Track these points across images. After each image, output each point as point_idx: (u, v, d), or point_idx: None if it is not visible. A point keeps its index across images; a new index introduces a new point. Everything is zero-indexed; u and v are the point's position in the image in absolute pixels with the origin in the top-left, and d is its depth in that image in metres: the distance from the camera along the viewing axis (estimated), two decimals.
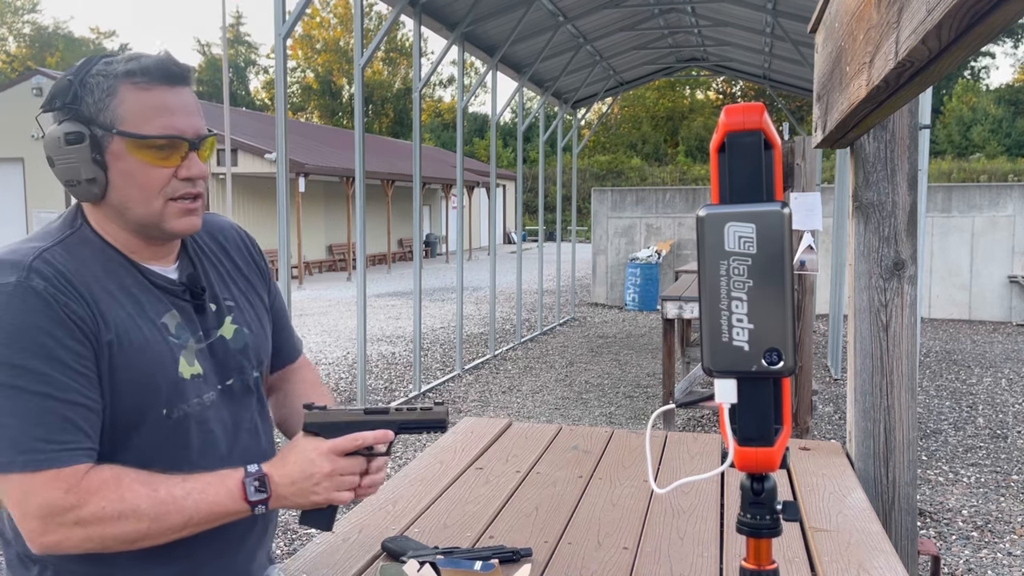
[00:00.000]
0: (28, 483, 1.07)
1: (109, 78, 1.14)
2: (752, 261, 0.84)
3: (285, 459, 1.18)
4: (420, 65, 7.22)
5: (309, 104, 48.75)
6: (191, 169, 1.18)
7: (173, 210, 1.19)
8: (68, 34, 47.40)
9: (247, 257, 1.41)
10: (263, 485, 1.16)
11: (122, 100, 1.14)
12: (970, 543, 3.98)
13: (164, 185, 1.17)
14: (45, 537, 1.08)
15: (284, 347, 1.48)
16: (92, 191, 1.15)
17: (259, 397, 1.35)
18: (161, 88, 1.16)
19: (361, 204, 6.12)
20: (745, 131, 0.86)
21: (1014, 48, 42.01)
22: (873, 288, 2.03)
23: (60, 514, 1.07)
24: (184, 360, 1.21)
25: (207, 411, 1.23)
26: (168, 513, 1.11)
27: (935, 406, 6.72)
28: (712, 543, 1.58)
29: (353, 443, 1.18)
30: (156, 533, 1.12)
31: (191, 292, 1.25)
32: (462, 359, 8.26)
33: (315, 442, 1.18)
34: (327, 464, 1.17)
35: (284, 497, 1.17)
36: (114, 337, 1.14)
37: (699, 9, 9.59)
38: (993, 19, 0.83)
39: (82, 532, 1.08)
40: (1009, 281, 11.54)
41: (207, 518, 1.14)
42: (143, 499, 1.10)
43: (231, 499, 1.14)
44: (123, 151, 1.14)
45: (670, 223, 13.50)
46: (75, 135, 1.13)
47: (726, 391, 0.87)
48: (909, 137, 1.98)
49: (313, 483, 1.16)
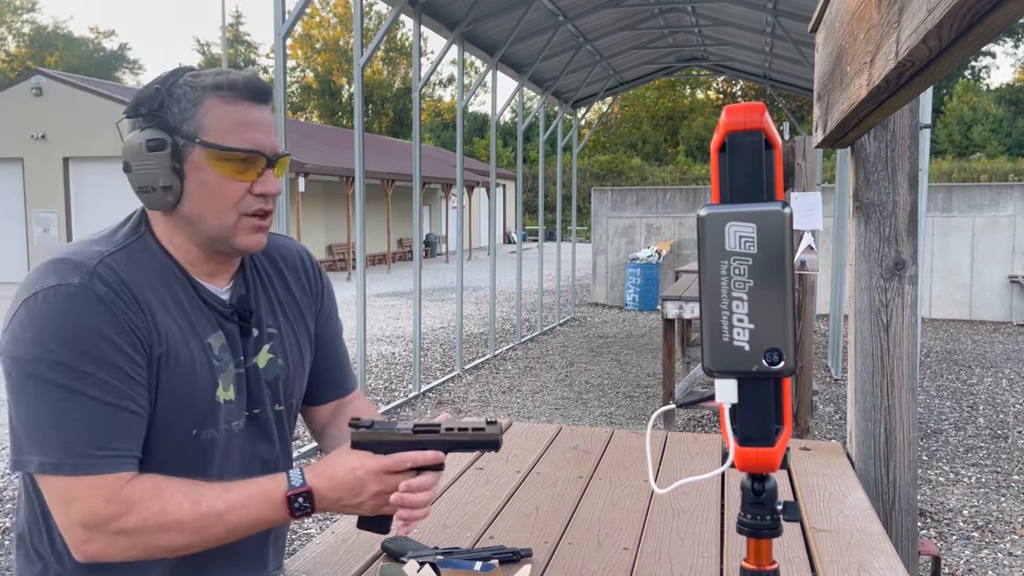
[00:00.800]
0: (72, 488, 1.07)
1: (197, 89, 1.16)
2: (753, 261, 0.84)
3: (332, 472, 1.18)
4: (420, 65, 7.22)
5: (309, 104, 48.76)
6: (266, 185, 1.20)
7: (245, 225, 1.20)
8: (67, 34, 47.41)
9: (304, 282, 1.39)
10: (307, 500, 1.16)
11: (208, 111, 1.15)
12: (971, 543, 3.98)
13: (239, 199, 1.18)
14: (88, 545, 1.09)
15: (336, 378, 1.45)
16: (166, 199, 1.16)
17: (283, 431, 1.34)
18: (247, 104, 1.18)
19: (361, 204, 6.12)
20: (746, 131, 0.85)
21: (1015, 48, 42.02)
22: (874, 288, 2.03)
23: (103, 523, 1.08)
24: (222, 384, 1.21)
25: (233, 438, 1.24)
26: (210, 526, 1.12)
27: (936, 406, 6.71)
28: (712, 543, 1.58)
29: (403, 463, 1.17)
30: (198, 544, 1.13)
31: (239, 314, 1.25)
32: (462, 359, 8.26)
33: (363, 458, 1.17)
34: (376, 484, 1.17)
35: (327, 508, 1.18)
36: (165, 351, 1.15)
37: (699, 8, 9.59)
38: (993, 19, 0.83)
39: (125, 541, 1.09)
40: (1010, 281, 11.53)
41: (249, 528, 1.15)
42: (185, 512, 1.11)
43: (275, 512, 1.16)
44: (203, 161, 1.15)
45: (670, 223, 13.49)
46: (157, 142, 1.14)
47: (726, 391, 0.87)
48: (910, 137, 1.98)
49: (359, 501, 1.17)
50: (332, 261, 22.38)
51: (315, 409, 1.45)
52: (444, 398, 7.08)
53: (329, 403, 1.45)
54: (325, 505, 1.17)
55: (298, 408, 1.40)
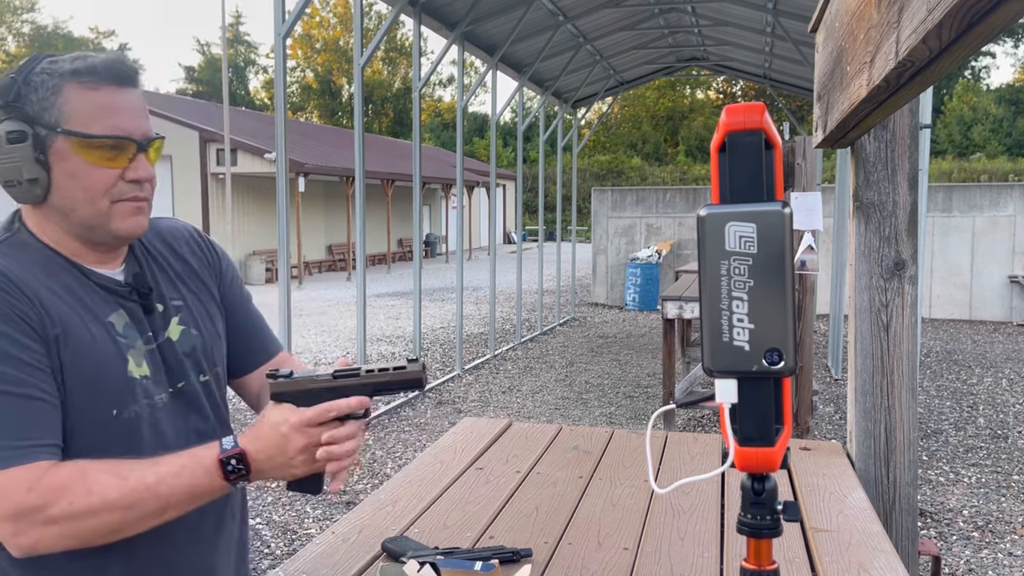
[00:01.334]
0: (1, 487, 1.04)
1: (55, 76, 1.12)
2: (753, 261, 0.84)
3: (259, 432, 1.13)
4: (420, 65, 7.22)
5: (309, 104, 48.76)
6: (138, 171, 1.15)
7: (120, 210, 1.15)
8: (67, 34, 47.42)
9: (200, 255, 1.36)
10: (240, 462, 1.11)
11: (68, 99, 1.11)
12: (971, 543, 3.98)
13: (110, 187, 1.14)
14: (19, 539, 1.05)
15: (256, 342, 1.41)
16: (34, 192, 1.12)
17: (214, 401, 1.31)
18: (109, 88, 1.13)
19: (361, 204, 6.12)
20: (746, 131, 0.85)
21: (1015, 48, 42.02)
22: (874, 288, 2.03)
23: (28, 515, 1.04)
24: (132, 360, 1.18)
25: (158, 413, 1.20)
26: (142, 500, 1.08)
27: (936, 406, 6.71)
28: (712, 543, 1.58)
29: (327, 414, 1.12)
30: (133, 521, 1.08)
31: (138, 292, 1.22)
32: (462, 359, 8.26)
33: (286, 412, 1.12)
34: (301, 438, 1.11)
35: (263, 472, 1.13)
36: (61, 331, 1.11)
37: (699, 8, 9.59)
38: (993, 19, 0.83)
39: (55, 530, 1.05)
40: (1010, 281, 11.54)
41: (185, 499, 1.11)
42: (112, 489, 1.07)
43: (208, 478, 1.10)
44: (68, 151, 1.12)
45: (670, 223, 13.50)
46: (17, 134, 1.10)
47: (726, 391, 0.87)
48: (910, 137, 1.98)
49: (289, 457, 1.11)
50: (332, 261, 22.38)
51: (245, 380, 1.40)
52: (444, 398, 7.08)
53: (257, 370, 1.40)
54: (259, 467, 1.12)
55: (224, 378, 1.36)
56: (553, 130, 11.81)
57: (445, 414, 6.51)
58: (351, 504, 4.43)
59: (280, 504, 4.53)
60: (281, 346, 1.46)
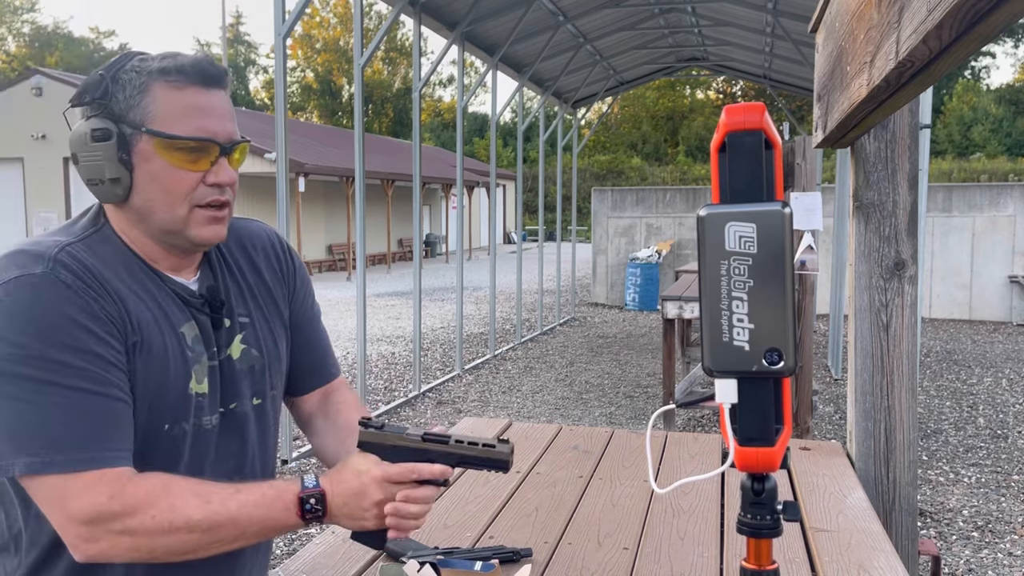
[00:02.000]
0: (68, 485, 1.02)
1: (143, 75, 1.10)
2: (753, 261, 0.84)
3: (341, 476, 1.14)
4: (420, 65, 7.22)
5: (309, 104, 48.75)
6: (220, 175, 1.14)
7: (199, 217, 1.14)
8: (68, 34, 47.41)
9: (275, 266, 1.33)
10: (319, 503, 1.12)
11: (154, 98, 1.10)
12: (970, 543, 3.98)
13: (191, 190, 1.12)
14: (91, 545, 1.03)
15: (318, 365, 1.39)
16: (115, 191, 1.11)
17: (264, 425, 1.28)
18: (196, 89, 1.12)
19: (361, 204, 6.12)
20: (746, 131, 0.85)
21: (1015, 48, 42.02)
22: (874, 288, 2.03)
23: (107, 521, 1.02)
24: (195, 376, 1.16)
25: (204, 435, 1.17)
26: (221, 526, 1.07)
27: (936, 406, 6.71)
28: (712, 543, 1.58)
29: (409, 474, 1.12)
30: (206, 545, 1.08)
31: (210, 305, 1.20)
32: (462, 359, 8.26)
33: (370, 464, 1.13)
34: (379, 492, 1.12)
35: (335, 517, 1.13)
36: (140, 339, 1.09)
37: (699, 9, 9.59)
38: (994, 19, 0.83)
39: (129, 542, 1.04)
40: (1010, 281, 11.53)
41: (259, 531, 1.11)
42: (195, 510, 1.06)
43: (286, 515, 1.11)
44: (151, 151, 1.10)
45: (670, 223, 13.49)
46: (102, 132, 1.09)
47: (726, 391, 0.87)
48: (910, 137, 1.98)
49: (363, 508, 1.12)
50: (332, 261, 22.38)
51: (300, 399, 1.39)
52: (444, 398, 7.08)
53: (314, 392, 1.39)
54: (334, 510, 1.12)
55: (279, 401, 1.34)
56: (553, 130, 11.81)
57: (445, 414, 6.51)
58: None
59: None
60: (339, 370, 1.45)
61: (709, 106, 43.73)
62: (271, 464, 1.34)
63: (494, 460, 1.15)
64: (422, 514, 1.14)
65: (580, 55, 10.46)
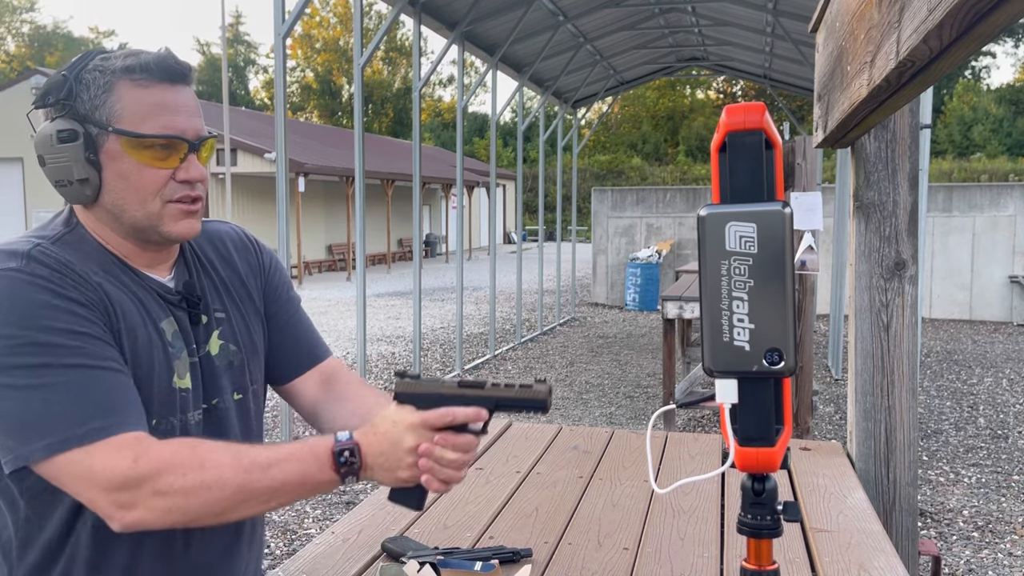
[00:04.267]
0: (92, 457, 1.00)
1: (107, 74, 1.09)
2: (753, 261, 0.84)
3: (376, 427, 1.11)
4: (420, 65, 7.22)
5: (309, 104, 48.75)
6: (190, 171, 1.14)
7: (171, 212, 1.13)
8: (67, 34, 47.41)
9: (247, 259, 1.33)
10: (354, 455, 1.08)
11: (120, 97, 1.09)
12: (971, 543, 3.98)
13: (162, 187, 1.12)
14: (127, 512, 1.01)
15: (305, 347, 1.37)
16: (84, 192, 1.10)
17: (246, 421, 1.28)
18: (161, 86, 1.11)
19: (361, 204, 6.12)
20: (746, 131, 0.85)
21: (1015, 48, 42.02)
22: (874, 288, 2.02)
23: (137, 484, 1.01)
24: (178, 371, 1.16)
25: (190, 430, 1.17)
26: (255, 481, 1.05)
27: (936, 406, 6.71)
28: (713, 543, 1.58)
29: (444, 419, 1.09)
30: (240, 503, 1.05)
31: (187, 301, 1.20)
32: (462, 359, 8.26)
33: (405, 412, 1.11)
34: (414, 438, 1.08)
35: (372, 468, 1.09)
36: (123, 327, 1.09)
37: (699, 8, 9.59)
38: (994, 19, 0.83)
39: (163, 503, 1.02)
40: (1010, 281, 11.53)
41: (294, 487, 1.08)
42: (226, 467, 1.04)
43: (320, 468, 1.08)
44: (119, 151, 1.10)
45: (670, 223, 13.49)
46: (68, 132, 1.09)
47: (727, 391, 0.87)
48: (910, 137, 1.98)
49: (399, 457, 1.09)
50: (332, 261, 22.38)
51: (296, 386, 1.37)
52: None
53: (307, 374, 1.36)
54: (370, 462, 1.09)
55: (261, 396, 1.33)
56: (553, 130, 11.81)
57: None
58: (351, 504, 4.43)
59: None
60: (330, 352, 1.42)
61: (709, 106, 43.73)
62: None
63: (532, 401, 1.12)
64: (461, 463, 1.10)
65: (580, 55, 10.46)
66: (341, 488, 4.69)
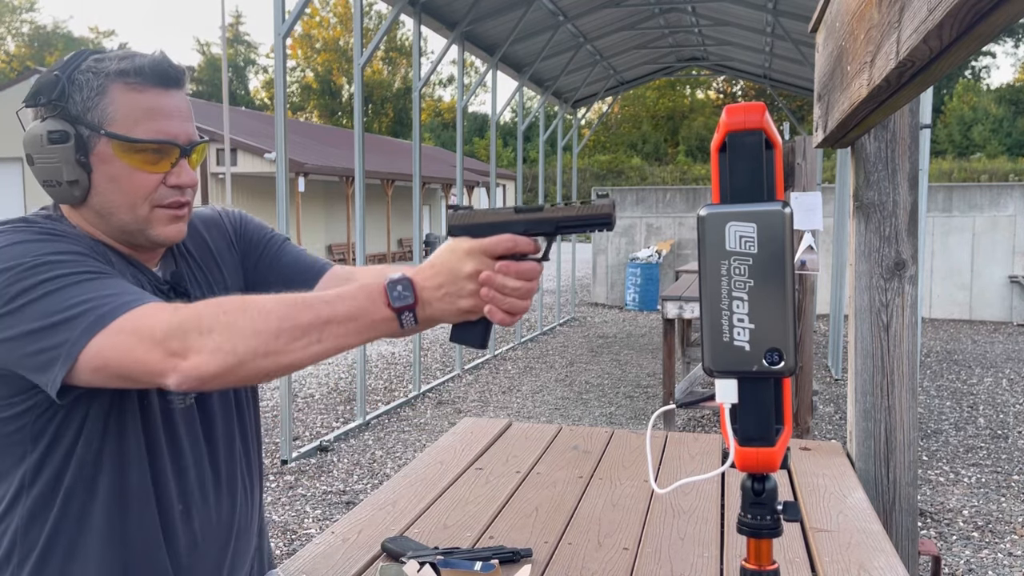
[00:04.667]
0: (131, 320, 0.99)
1: (100, 76, 1.09)
2: (753, 261, 0.84)
3: (430, 262, 1.06)
4: (420, 64, 7.21)
5: (309, 104, 48.76)
6: (181, 177, 1.14)
7: (160, 216, 1.14)
8: (67, 33, 47.42)
9: (223, 236, 1.32)
10: (407, 289, 1.02)
11: (113, 100, 1.09)
12: (971, 543, 3.98)
13: (152, 191, 1.12)
14: (180, 360, 0.98)
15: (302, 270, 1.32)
16: (72, 193, 1.11)
17: (239, 409, 1.29)
18: (155, 90, 1.11)
19: (361, 204, 6.12)
20: (746, 131, 0.85)
21: (1015, 48, 42.03)
22: (874, 288, 2.02)
23: (183, 331, 0.98)
24: None
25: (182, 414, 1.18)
26: (299, 314, 0.99)
27: (936, 406, 6.71)
28: (713, 543, 1.58)
29: (503, 244, 1.03)
30: (289, 338, 0.99)
31: (175, 290, 1.21)
32: (462, 359, 8.26)
33: (460, 241, 1.04)
34: (472, 263, 1.02)
35: (430, 303, 1.03)
36: None
37: (699, 8, 9.59)
38: (994, 19, 0.83)
39: (212, 343, 0.97)
40: (1010, 281, 11.53)
41: (345, 324, 1.01)
42: (268, 301, 1.01)
43: (372, 304, 1.02)
44: (110, 154, 1.10)
45: (670, 223, 13.49)
46: (59, 134, 1.08)
47: (727, 391, 0.87)
48: (910, 137, 1.98)
49: (458, 286, 1.02)
50: (332, 261, 22.40)
51: None
52: (444, 398, 7.08)
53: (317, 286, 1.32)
54: (427, 296, 1.03)
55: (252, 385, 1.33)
56: (553, 130, 11.81)
57: (445, 414, 6.51)
58: (351, 504, 4.43)
59: (280, 504, 4.53)
60: (330, 264, 1.38)
61: (709, 106, 43.73)
62: (254, 448, 1.34)
63: (596, 217, 1.03)
64: (526, 291, 1.03)
65: (580, 55, 10.46)
66: (342, 490, 4.69)
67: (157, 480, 1.16)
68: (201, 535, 1.21)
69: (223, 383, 1.00)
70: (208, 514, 1.22)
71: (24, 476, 1.11)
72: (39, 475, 1.10)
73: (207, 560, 1.23)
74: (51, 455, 1.10)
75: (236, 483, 1.28)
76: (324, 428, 6.05)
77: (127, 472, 1.13)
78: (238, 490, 1.28)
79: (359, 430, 5.99)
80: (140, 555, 1.15)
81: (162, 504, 1.17)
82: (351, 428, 5.95)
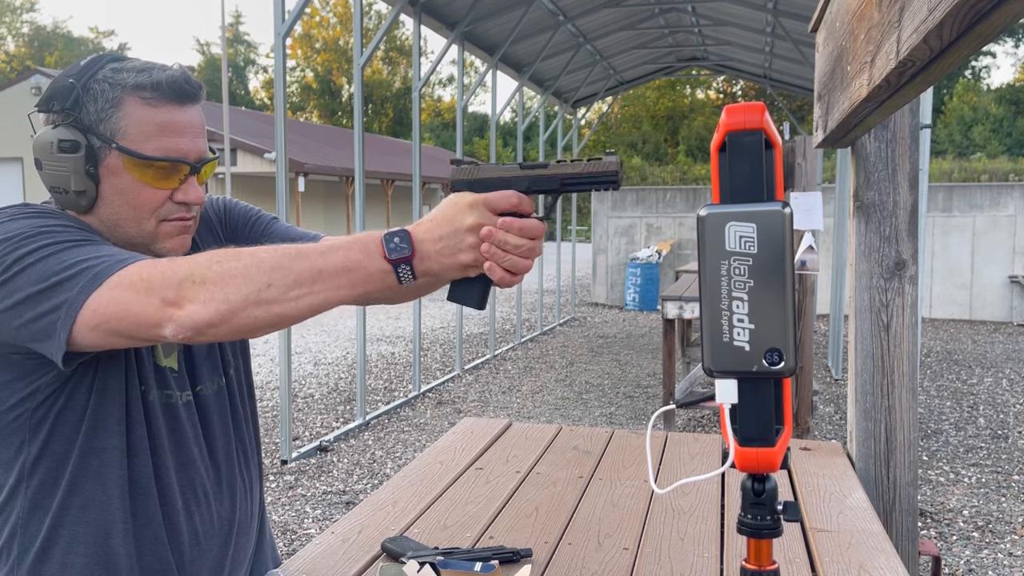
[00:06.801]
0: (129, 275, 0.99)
1: (116, 88, 1.09)
2: (753, 261, 0.84)
3: (431, 216, 1.02)
4: (420, 64, 7.22)
5: (309, 104, 48.75)
6: (188, 194, 1.14)
7: (165, 230, 1.14)
8: (67, 33, 47.42)
9: (213, 229, 1.32)
10: (404, 241, 0.99)
11: (127, 114, 1.09)
12: (971, 543, 3.98)
13: (158, 207, 1.13)
14: (176, 310, 0.97)
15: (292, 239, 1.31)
16: (79, 203, 1.11)
17: (232, 405, 1.29)
18: (170, 106, 1.11)
19: (361, 204, 6.12)
20: (746, 131, 0.85)
21: (1015, 47, 42.03)
22: (874, 288, 2.02)
23: (175, 280, 0.97)
24: (162, 350, 1.17)
25: (181, 411, 1.19)
26: (292, 263, 0.98)
27: (936, 406, 6.71)
28: (713, 544, 1.58)
29: (507, 200, 1.00)
30: (281, 287, 0.97)
31: None
32: (462, 359, 8.26)
33: (463, 195, 1.01)
34: (473, 216, 0.99)
35: (428, 256, 0.99)
36: None
37: (699, 8, 9.59)
38: (994, 18, 0.83)
39: (206, 292, 0.96)
40: (1010, 281, 11.53)
41: (339, 274, 0.98)
42: (261, 251, 1.00)
43: (367, 255, 0.99)
44: (120, 167, 1.10)
45: (670, 223, 13.50)
46: (70, 144, 1.08)
47: (727, 391, 0.87)
48: (910, 136, 1.98)
49: (458, 238, 0.99)
50: None
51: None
52: (444, 398, 7.08)
53: None
54: (425, 249, 0.99)
55: (246, 382, 1.34)
56: (553, 130, 11.81)
57: (445, 414, 6.51)
58: (351, 504, 4.43)
59: (280, 504, 4.53)
60: (321, 235, 1.36)
61: (709, 106, 43.73)
62: (252, 445, 1.34)
63: (602, 175, 1.01)
64: (528, 250, 1.00)
65: (580, 55, 10.46)
66: (342, 490, 4.69)
67: (159, 474, 1.16)
68: (202, 532, 1.21)
69: (218, 332, 0.99)
70: (208, 511, 1.23)
71: (23, 466, 1.11)
72: (38, 466, 1.11)
73: (208, 556, 1.23)
74: (50, 445, 1.10)
75: (235, 481, 1.28)
76: (324, 428, 6.05)
77: (129, 465, 1.14)
78: (237, 488, 1.28)
79: (359, 430, 5.99)
80: (144, 549, 1.15)
81: (164, 498, 1.17)
82: (351, 428, 5.95)
